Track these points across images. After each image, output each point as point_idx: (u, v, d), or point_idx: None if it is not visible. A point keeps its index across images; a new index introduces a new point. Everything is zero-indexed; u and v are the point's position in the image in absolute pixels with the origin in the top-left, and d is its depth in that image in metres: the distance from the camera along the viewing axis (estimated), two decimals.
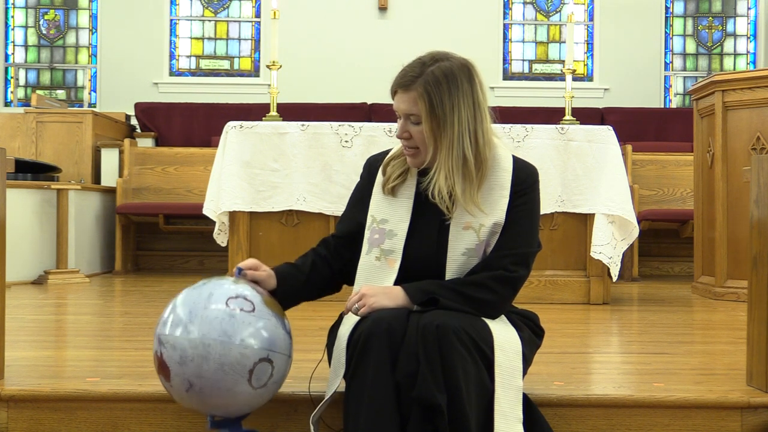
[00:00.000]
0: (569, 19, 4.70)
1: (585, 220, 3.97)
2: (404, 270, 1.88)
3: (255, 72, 7.75)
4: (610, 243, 3.85)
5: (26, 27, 7.74)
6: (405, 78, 1.83)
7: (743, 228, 3.89)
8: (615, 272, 3.84)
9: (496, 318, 1.85)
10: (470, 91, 1.83)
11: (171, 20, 7.70)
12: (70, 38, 7.75)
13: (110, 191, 5.83)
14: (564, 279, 3.99)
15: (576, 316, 3.61)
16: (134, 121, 7.00)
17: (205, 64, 7.77)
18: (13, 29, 7.73)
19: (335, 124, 4.01)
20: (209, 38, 7.79)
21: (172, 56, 7.71)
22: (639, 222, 4.29)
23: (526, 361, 1.86)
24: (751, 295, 2.16)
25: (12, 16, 7.72)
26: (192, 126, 6.76)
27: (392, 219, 1.91)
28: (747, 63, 7.83)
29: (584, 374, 2.40)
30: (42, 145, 5.89)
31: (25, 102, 7.52)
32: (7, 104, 7.66)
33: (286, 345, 1.82)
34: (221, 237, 4.10)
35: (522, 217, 1.87)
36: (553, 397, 2.05)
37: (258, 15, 7.77)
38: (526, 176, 1.90)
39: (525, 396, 1.90)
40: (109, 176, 6.00)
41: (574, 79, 6.55)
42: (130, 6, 7.55)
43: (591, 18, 7.77)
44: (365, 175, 2.03)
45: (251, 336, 1.75)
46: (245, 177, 3.95)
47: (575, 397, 2.06)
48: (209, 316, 1.75)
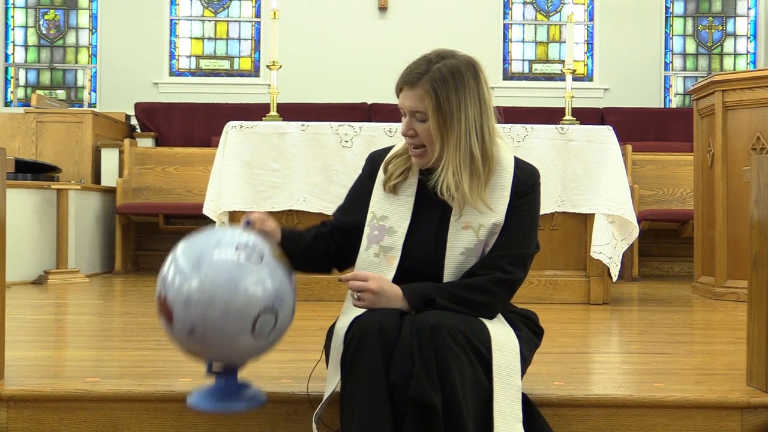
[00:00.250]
0: (569, 19, 4.70)
1: (585, 220, 3.97)
2: (403, 267, 1.88)
3: (255, 72, 7.75)
4: (610, 243, 3.85)
5: (26, 27, 7.74)
6: (411, 75, 1.82)
7: (743, 228, 3.89)
8: (615, 272, 3.84)
9: (493, 318, 1.85)
10: (476, 89, 1.82)
11: (171, 20, 7.70)
12: (70, 38, 7.75)
13: (110, 191, 5.83)
14: (564, 279, 3.99)
15: (576, 316, 3.61)
16: (134, 121, 7.00)
17: (205, 64, 7.77)
18: (13, 29, 7.73)
19: (335, 124, 4.01)
20: (209, 38, 7.79)
21: (172, 56, 7.71)
22: (639, 222, 4.29)
23: (525, 361, 1.86)
24: (751, 295, 2.16)
25: (12, 16, 7.72)
26: (192, 126, 6.76)
27: (393, 216, 1.91)
28: (747, 63, 7.83)
29: (584, 374, 2.40)
30: (42, 145, 5.89)
31: (25, 102, 7.52)
32: (7, 104, 7.66)
33: (291, 299, 1.80)
34: None
35: (521, 218, 1.87)
36: (553, 397, 2.05)
37: (258, 15, 7.77)
38: (527, 177, 1.90)
39: (524, 396, 1.89)
40: (109, 176, 6.00)
41: (574, 79, 6.55)
42: (130, 6, 7.55)
43: (591, 18, 7.77)
44: (367, 171, 2.02)
45: (258, 285, 1.73)
46: (245, 177, 3.96)
47: (575, 397, 2.06)
48: (217, 262, 1.72)
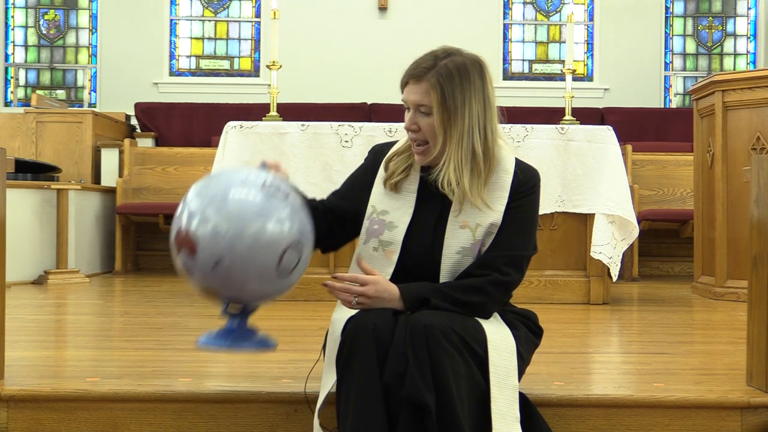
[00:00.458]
0: (569, 19, 4.70)
1: (585, 220, 3.97)
2: (400, 262, 1.88)
3: (255, 72, 7.75)
4: (610, 243, 3.85)
5: (26, 27, 7.75)
6: (418, 69, 1.82)
7: (743, 228, 3.89)
8: (615, 272, 3.84)
9: (488, 318, 1.85)
10: (481, 87, 1.83)
11: (171, 20, 7.70)
12: (70, 38, 7.75)
13: (110, 191, 5.83)
14: (564, 279, 3.99)
15: (576, 316, 3.61)
16: (134, 121, 7.00)
17: (205, 64, 7.77)
18: (13, 29, 7.73)
19: (335, 124, 4.01)
20: (209, 38, 7.79)
21: (172, 56, 7.71)
22: (639, 222, 4.29)
23: (523, 360, 1.86)
24: (751, 295, 2.16)
25: (12, 16, 7.72)
26: (192, 126, 6.76)
27: (394, 211, 1.90)
28: (747, 63, 7.83)
29: (584, 374, 2.40)
30: (42, 145, 5.89)
31: (25, 102, 7.52)
32: (7, 104, 7.66)
33: (312, 242, 1.79)
34: None
35: (520, 220, 1.87)
36: (553, 397, 2.05)
37: (258, 15, 7.77)
38: (527, 179, 1.89)
39: (523, 395, 1.90)
40: (109, 176, 6.00)
41: (574, 79, 6.55)
42: (130, 6, 7.55)
43: (591, 18, 7.77)
44: (369, 163, 2.01)
45: (285, 221, 1.72)
46: None
47: (575, 397, 2.06)
48: (246, 193, 1.71)
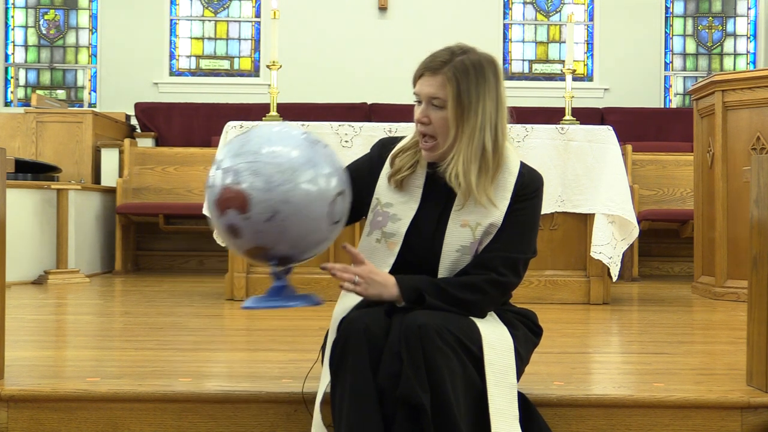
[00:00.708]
0: (569, 19, 4.70)
1: (585, 220, 3.97)
2: (401, 256, 1.88)
3: (255, 72, 7.75)
4: (610, 243, 3.85)
5: (26, 27, 7.74)
6: (434, 62, 1.82)
7: (743, 228, 3.89)
8: (615, 272, 3.84)
9: (483, 317, 1.85)
10: (495, 86, 1.83)
11: (171, 20, 7.70)
12: (70, 38, 7.75)
13: (110, 191, 5.83)
14: (564, 279, 3.99)
15: (576, 316, 3.61)
16: (134, 121, 7.00)
17: (205, 64, 7.77)
18: (13, 29, 7.73)
19: (335, 124, 4.01)
20: (209, 38, 7.79)
21: (172, 56, 7.71)
22: (639, 222, 4.29)
23: (521, 360, 1.86)
24: (751, 295, 2.16)
25: (12, 16, 7.72)
26: (192, 126, 6.76)
27: (398, 204, 1.91)
28: (747, 63, 7.83)
29: (584, 374, 2.40)
30: (42, 145, 5.89)
31: (25, 102, 7.52)
32: (7, 104, 7.66)
33: (351, 191, 1.79)
34: None
35: (521, 222, 1.87)
36: (553, 397, 2.05)
37: (258, 15, 7.77)
38: (530, 182, 1.90)
39: (522, 395, 1.90)
40: (109, 176, 6.00)
41: (574, 79, 6.55)
42: (130, 6, 7.55)
43: (591, 18, 7.77)
44: (376, 154, 2.01)
45: (332, 166, 1.72)
46: None
47: (575, 397, 2.06)
48: (291, 144, 1.69)
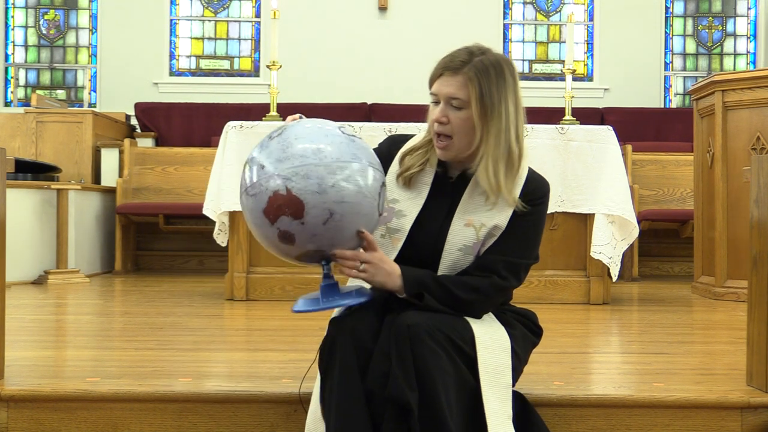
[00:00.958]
0: (569, 19, 4.70)
1: (585, 220, 3.97)
2: (402, 251, 1.88)
3: (255, 72, 7.74)
4: (610, 243, 3.85)
5: (26, 27, 7.74)
6: (453, 62, 1.81)
7: (743, 228, 3.89)
8: (615, 272, 3.84)
9: (479, 318, 1.85)
10: (513, 87, 1.83)
11: (171, 20, 7.70)
12: (70, 38, 7.75)
13: (110, 191, 5.83)
14: (564, 279, 3.99)
15: (576, 316, 3.61)
16: (134, 121, 7.00)
17: (205, 64, 7.77)
18: (13, 29, 7.73)
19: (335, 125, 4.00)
20: (209, 38, 7.79)
21: (172, 56, 7.71)
22: (639, 222, 4.29)
23: (519, 359, 1.86)
24: (751, 295, 2.16)
25: (12, 16, 7.72)
26: (192, 126, 6.76)
27: (404, 200, 1.91)
28: (747, 63, 7.83)
29: (584, 374, 2.40)
30: (42, 145, 5.89)
31: (25, 102, 7.52)
32: (7, 104, 7.66)
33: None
34: (221, 237, 4.10)
35: (525, 228, 1.87)
36: (553, 397, 2.05)
37: (258, 15, 7.77)
38: (536, 188, 1.89)
39: (521, 396, 1.90)
40: (109, 176, 6.00)
41: (574, 79, 6.55)
42: (130, 6, 7.55)
43: (591, 18, 7.77)
44: (385, 149, 2.00)
45: (372, 159, 1.71)
46: None
47: (575, 397, 2.06)
48: (334, 142, 1.67)
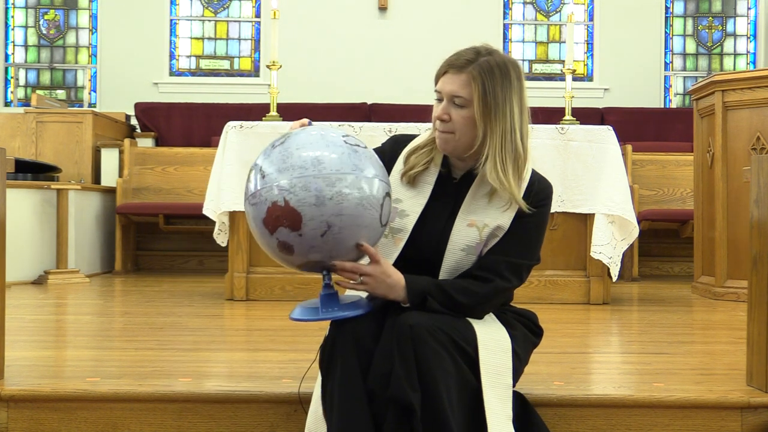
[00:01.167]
0: (569, 19, 4.70)
1: (585, 220, 3.97)
2: (405, 250, 1.88)
3: (255, 72, 7.74)
4: (610, 243, 3.85)
5: (26, 27, 7.74)
6: (459, 60, 1.82)
7: (743, 228, 3.89)
8: (615, 272, 3.84)
9: (480, 318, 1.85)
10: (519, 90, 1.83)
11: (171, 20, 7.70)
12: (70, 38, 7.75)
13: (110, 191, 5.83)
14: (564, 279, 3.99)
15: (576, 316, 3.61)
16: (134, 121, 7.00)
17: (205, 64, 7.77)
18: (13, 29, 7.73)
19: (335, 124, 4.00)
20: (209, 38, 7.79)
21: (172, 56, 7.71)
22: (639, 222, 4.29)
23: (520, 360, 1.86)
24: (751, 295, 2.16)
25: (12, 16, 7.72)
26: (192, 126, 6.76)
27: (407, 200, 1.91)
28: (747, 63, 7.83)
29: (584, 374, 2.40)
30: (42, 145, 5.89)
31: (25, 102, 7.52)
32: (7, 104, 7.66)
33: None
34: (221, 237, 4.10)
35: (528, 229, 1.87)
36: (553, 397, 2.05)
37: (258, 15, 7.77)
38: (539, 191, 1.89)
39: (521, 395, 1.90)
40: (109, 176, 6.00)
41: (574, 79, 6.55)
42: (130, 6, 7.55)
43: (591, 18, 7.77)
44: (388, 149, 2.00)
45: (375, 169, 1.70)
46: (245, 177, 3.93)
47: (575, 397, 2.06)
48: (336, 152, 1.65)
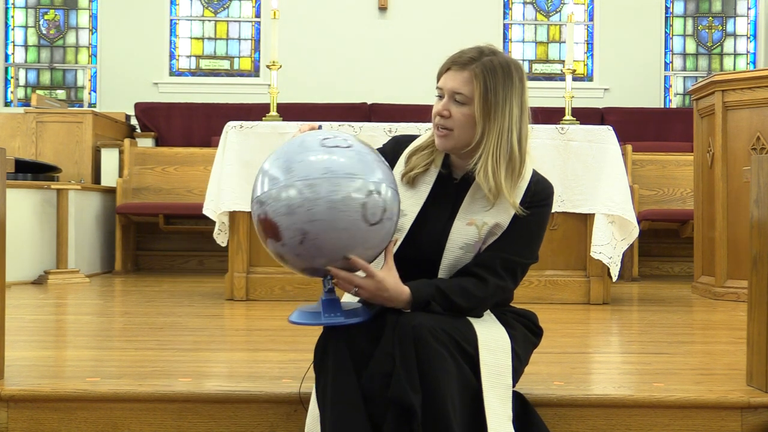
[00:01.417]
0: (569, 19, 4.70)
1: (585, 220, 3.97)
2: (402, 248, 1.88)
3: (255, 72, 7.74)
4: (610, 243, 3.85)
5: (26, 27, 7.75)
6: (462, 58, 1.82)
7: (743, 228, 3.89)
8: (615, 272, 3.84)
9: (480, 317, 1.85)
10: (521, 91, 1.84)
11: (171, 20, 7.70)
12: (70, 38, 7.75)
13: (110, 191, 5.83)
14: (564, 279, 3.99)
15: (576, 316, 3.61)
16: (134, 121, 7.00)
17: (205, 64, 7.77)
18: (13, 29, 7.73)
19: (335, 124, 4.00)
20: (209, 38, 7.79)
21: (172, 56, 7.71)
22: (639, 222, 4.29)
23: (520, 360, 1.86)
24: (751, 295, 2.16)
25: (12, 16, 7.72)
26: (192, 126, 6.76)
27: (406, 200, 1.90)
28: (747, 63, 7.83)
29: (584, 374, 2.40)
30: (42, 145, 5.89)
31: (25, 102, 7.52)
32: (7, 104, 7.66)
33: (391, 179, 1.75)
34: (221, 237, 4.10)
35: (526, 228, 1.87)
36: (553, 397, 2.05)
37: (258, 15, 7.77)
38: (540, 190, 1.90)
39: (521, 395, 1.90)
40: (109, 176, 6.00)
41: (574, 79, 6.55)
42: (130, 6, 7.55)
43: (591, 18, 7.77)
44: (390, 149, 2.00)
45: (354, 168, 1.66)
46: (245, 177, 3.95)
47: (575, 397, 2.06)
48: (307, 159, 1.66)
